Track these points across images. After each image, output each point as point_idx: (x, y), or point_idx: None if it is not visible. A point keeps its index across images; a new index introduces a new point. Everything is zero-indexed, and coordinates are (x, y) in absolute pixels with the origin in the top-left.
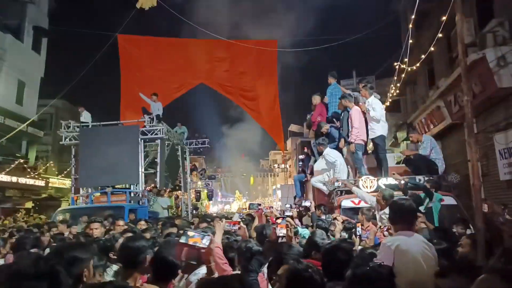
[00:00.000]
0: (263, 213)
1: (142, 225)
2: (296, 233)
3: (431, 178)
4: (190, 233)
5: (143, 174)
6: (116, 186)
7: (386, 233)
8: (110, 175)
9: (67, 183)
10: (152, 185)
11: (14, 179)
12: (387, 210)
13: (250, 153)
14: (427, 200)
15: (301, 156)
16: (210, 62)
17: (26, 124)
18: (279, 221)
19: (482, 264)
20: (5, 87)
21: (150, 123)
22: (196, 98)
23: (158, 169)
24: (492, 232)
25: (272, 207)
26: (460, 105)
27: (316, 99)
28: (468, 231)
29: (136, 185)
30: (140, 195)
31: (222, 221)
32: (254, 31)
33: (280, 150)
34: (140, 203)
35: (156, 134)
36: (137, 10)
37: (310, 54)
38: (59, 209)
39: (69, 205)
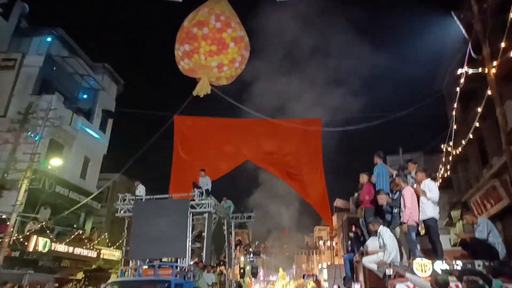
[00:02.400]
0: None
1: None
2: None
3: (491, 263)
4: None
5: (190, 248)
6: (163, 260)
7: None
8: (158, 247)
9: (116, 254)
10: (197, 259)
11: (70, 249)
12: None
13: (294, 228)
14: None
15: (351, 234)
16: (257, 140)
17: (90, 198)
18: None
19: None
20: (73, 163)
21: (199, 197)
22: (241, 173)
23: (204, 243)
24: None
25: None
26: None
27: (364, 178)
28: None
29: (183, 259)
30: (186, 270)
31: None
32: (301, 111)
33: (327, 225)
34: (186, 278)
35: (205, 207)
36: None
37: (356, 130)
38: (109, 281)
39: (117, 277)
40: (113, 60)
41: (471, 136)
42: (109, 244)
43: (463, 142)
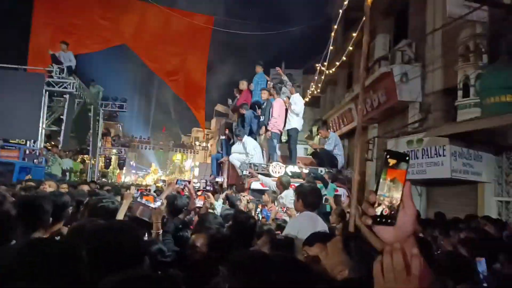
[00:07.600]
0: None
1: (51, 186)
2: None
3: (330, 170)
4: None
5: (43, 130)
6: (10, 141)
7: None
8: (3, 126)
9: None
10: (53, 143)
11: None
12: (283, 194)
13: (172, 127)
14: (323, 189)
15: (222, 137)
16: (139, 25)
17: None
18: (199, 193)
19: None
20: None
21: (59, 74)
22: (117, 60)
23: (62, 127)
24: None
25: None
26: (367, 110)
27: (243, 85)
28: None
29: (34, 142)
30: (37, 153)
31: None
32: (188, 3)
33: (206, 127)
34: (36, 162)
35: (65, 88)
36: None
37: (244, 37)
38: None
39: None
40: None
41: (344, 58)
42: None
43: (337, 64)
